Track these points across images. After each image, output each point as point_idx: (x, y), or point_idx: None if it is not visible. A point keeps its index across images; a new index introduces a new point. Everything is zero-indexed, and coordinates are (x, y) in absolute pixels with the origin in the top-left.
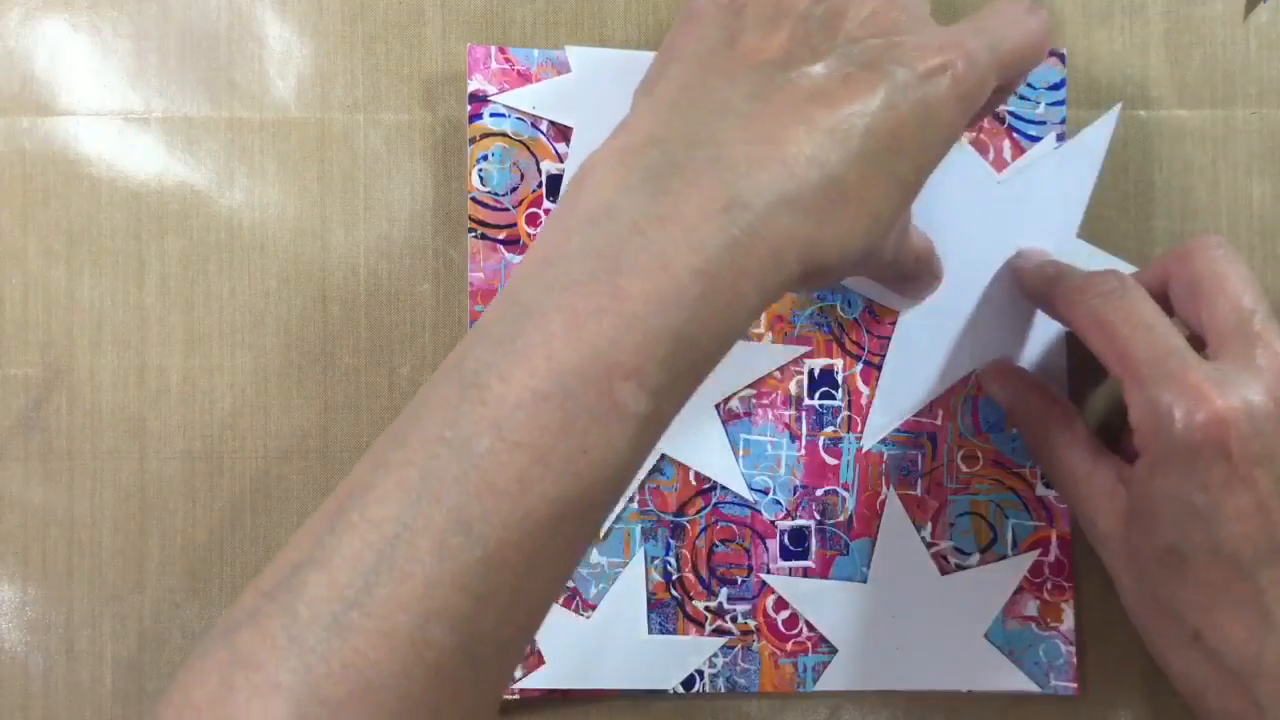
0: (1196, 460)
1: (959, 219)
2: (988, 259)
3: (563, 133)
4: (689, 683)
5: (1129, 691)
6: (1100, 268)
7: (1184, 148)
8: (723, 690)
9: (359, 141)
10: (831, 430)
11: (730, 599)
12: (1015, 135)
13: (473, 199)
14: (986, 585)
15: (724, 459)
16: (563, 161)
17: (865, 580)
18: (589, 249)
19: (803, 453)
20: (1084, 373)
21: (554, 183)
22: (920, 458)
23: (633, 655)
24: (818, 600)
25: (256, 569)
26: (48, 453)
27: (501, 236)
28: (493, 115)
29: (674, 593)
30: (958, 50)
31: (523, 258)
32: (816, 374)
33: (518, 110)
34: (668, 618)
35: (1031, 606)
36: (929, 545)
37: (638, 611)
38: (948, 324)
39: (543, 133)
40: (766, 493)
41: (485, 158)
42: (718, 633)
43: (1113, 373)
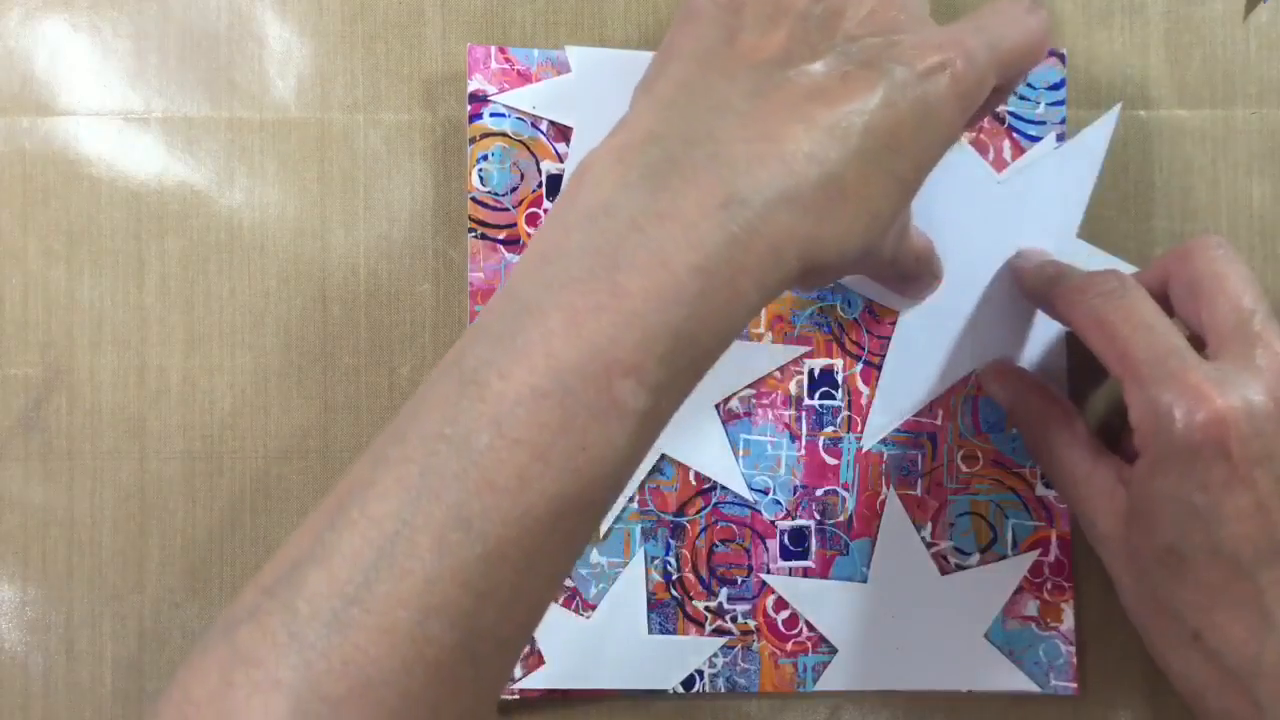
0: (1196, 460)
1: (959, 219)
2: (988, 259)
3: (563, 133)
4: (689, 683)
5: (1129, 691)
6: (1100, 268)
7: (1184, 148)
8: (723, 690)
9: (359, 141)
10: (831, 430)
11: (730, 599)
12: (1015, 135)
13: (473, 199)
14: (986, 585)
15: (724, 459)
16: (563, 161)
17: (865, 580)
18: (588, 246)
19: (803, 453)
20: (1084, 373)
21: (554, 183)
22: (920, 458)
23: (633, 655)
24: (818, 600)
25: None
26: (48, 453)
27: (501, 236)
28: (493, 115)
29: (674, 593)
30: (957, 49)
31: (522, 255)
32: (816, 374)
33: (518, 110)
34: (668, 618)
35: (1031, 606)
36: (929, 545)
37: (638, 611)
38: (948, 324)
39: (543, 133)
40: (766, 493)
41: (485, 158)
42: (718, 633)
43: (1113, 373)
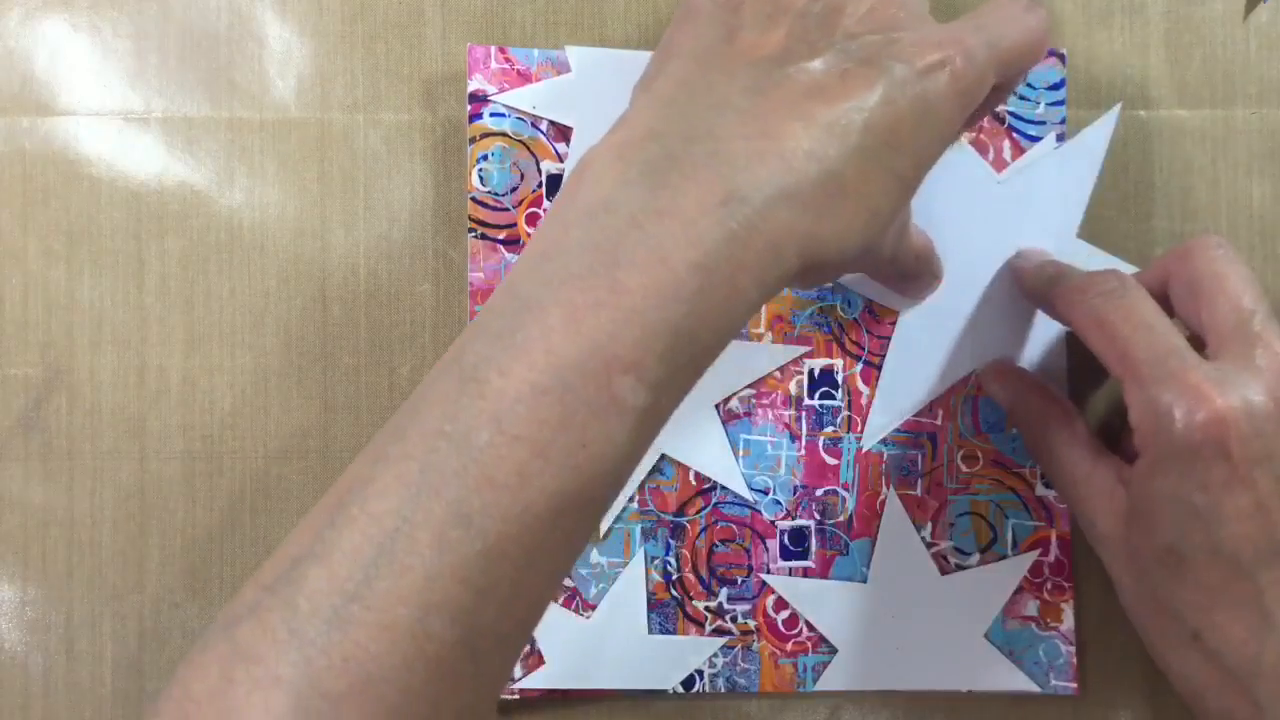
0: (1196, 460)
1: (959, 219)
2: (988, 259)
3: (563, 133)
4: (689, 683)
5: (1129, 691)
6: (1100, 268)
7: (1184, 148)
8: (723, 690)
9: (359, 141)
10: (831, 430)
11: (730, 599)
12: (1015, 135)
13: (473, 199)
14: (986, 585)
15: (724, 459)
16: (563, 161)
17: (865, 580)
18: (587, 243)
19: (803, 453)
20: (1084, 373)
21: (554, 183)
22: (920, 458)
23: (633, 655)
24: (818, 600)
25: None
26: (48, 453)
27: (501, 236)
28: (493, 115)
29: (674, 593)
30: (956, 46)
31: (522, 252)
32: (816, 374)
33: (518, 110)
34: (668, 618)
35: (1031, 606)
36: (929, 545)
37: (638, 611)
38: (948, 324)
39: (543, 132)
40: (766, 493)
41: (485, 158)
42: (718, 633)
43: (1113, 373)
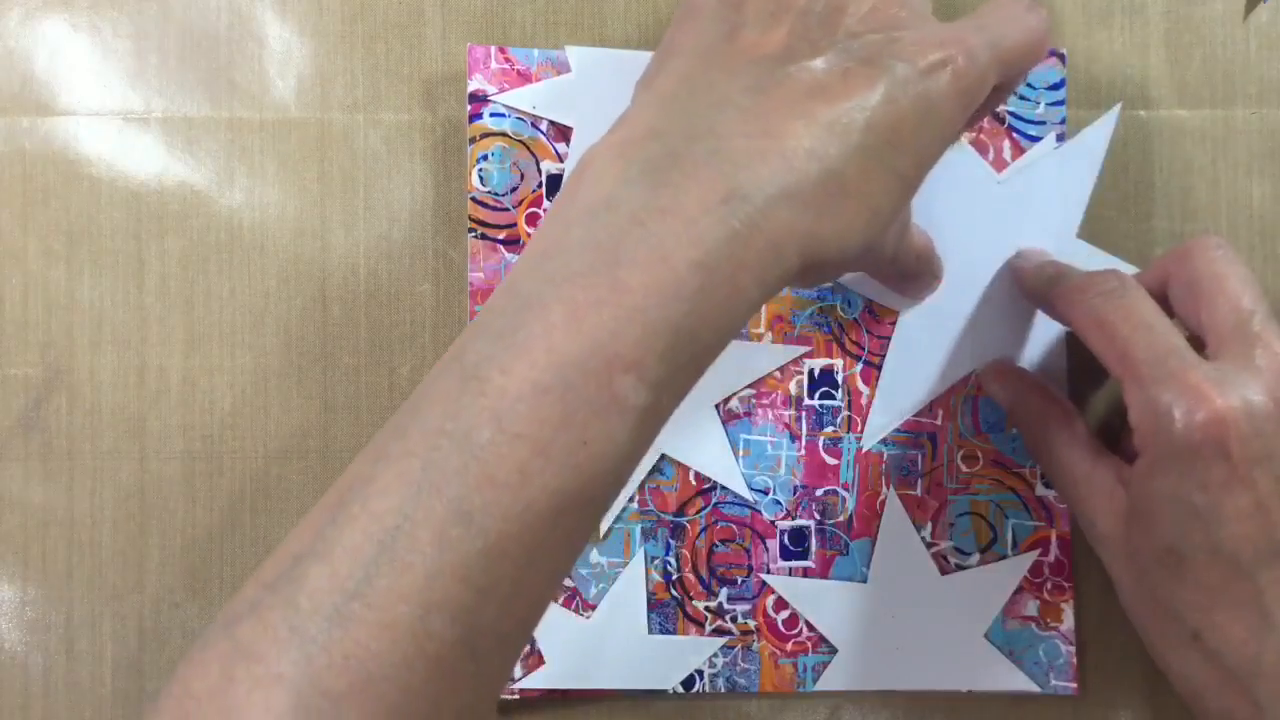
0: (1196, 460)
1: (959, 219)
2: (988, 259)
3: (563, 133)
4: (689, 683)
5: (1129, 691)
6: (1100, 268)
7: (1184, 148)
8: (723, 690)
9: (359, 141)
10: (831, 430)
11: (730, 599)
12: (1015, 135)
13: (473, 199)
14: (986, 585)
15: (724, 459)
16: (563, 161)
17: (865, 580)
18: (588, 241)
19: (803, 453)
20: (1084, 373)
21: (554, 183)
22: (920, 458)
23: (633, 655)
24: (818, 600)
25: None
26: (48, 453)
27: (501, 236)
28: (493, 115)
29: (674, 593)
30: (958, 46)
31: (523, 250)
32: (816, 374)
33: (518, 110)
34: (668, 618)
35: (1031, 606)
36: (929, 545)
37: (638, 611)
38: (948, 324)
39: (543, 133)
40: (766, 493)
41: (485, 158)
42: (718, 633)
43: (1113, 373)
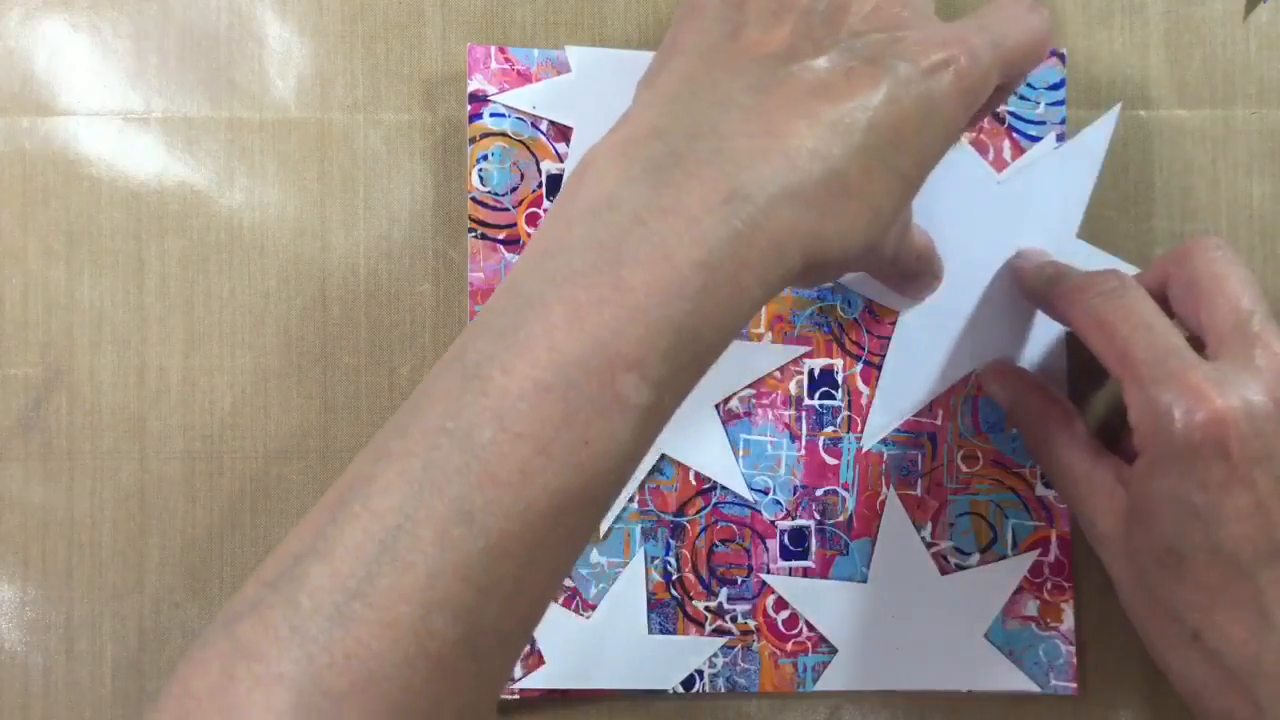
0: (1196, 460)
1: (959, 219)
2: (988, 259)
3: (563, 133)
4: (689, 683)
5: (1129, 691)
6: (1100, 268)
7: (1184, 148)
8: (723, 690)
9: (359, 141)
10: (831, 430)
11: (730, 599)
12: (1015, 135)
13: (473, 199)
14: (986, 585)
15: (724, 459)
16: (563, 161)
17: (865, 580)
18: (590, 240)
19: (803, 453)
20: (1084, 373)
21: (554, 183)
22: (920, 458)
23: (633, 655)
24: (818, 600)
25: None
26: (48, 453)
27: (501, 236)
28: (493, 115)
29: (674, 593)
30: (961, 46)
31: (524, 249)
32: (816, 374)
33: (518, 110)
34: (668, 618)
35: (1031, 606)
36: (929, 545)
37: (638, 611)
38: (948, 324)
39: (543, 133)
40: (766, 493)
41: (485, 158)
42: (718, 633)
43: (1113, 373)
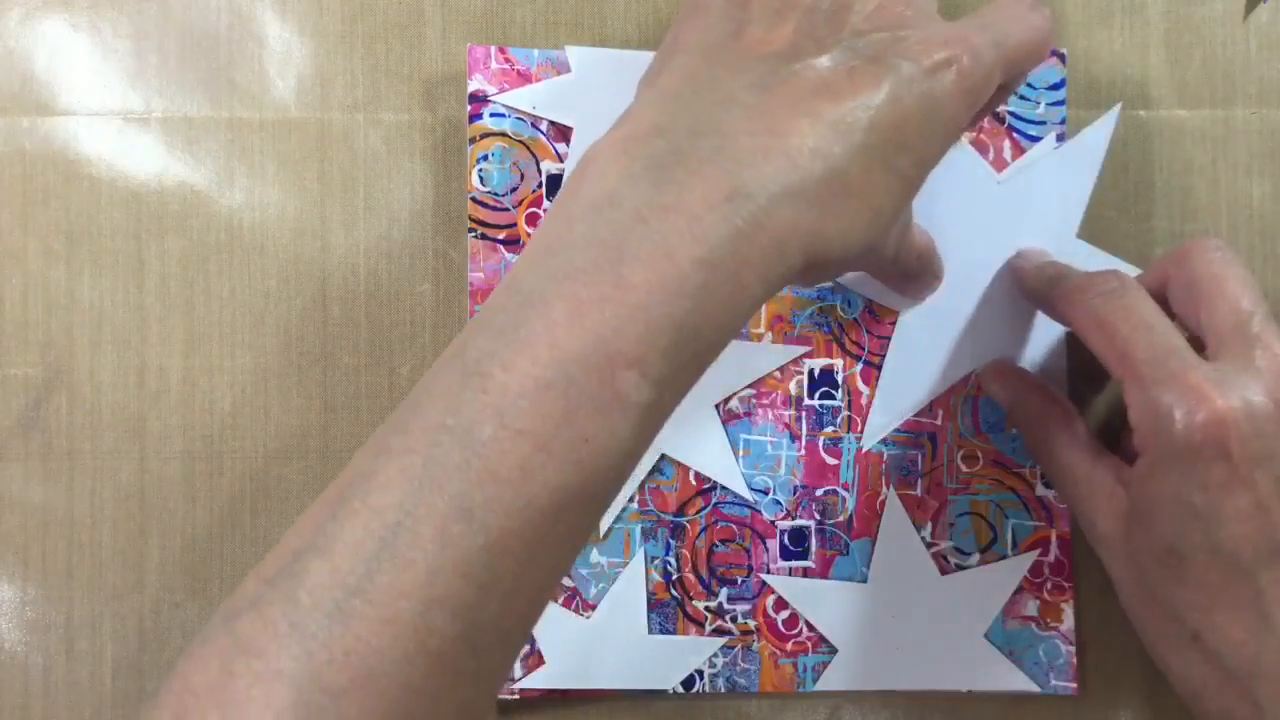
0: (1196, 460)
1: (959, 219)
2: (988, 259)
3: (563, 133)
4: (689, 683)
5: (1129, 691)
6: (1100, 268)
7: (1184, 148)
8: (723, 690)
9: (359, 141)
10: (831, 430)
11: (730, 599)
12: (1015, 135)
13: (473, 199)
14: (986, 585)
15: (724, 459)
16: (563, 161)
17: (865, 580)
18: (592, 237)
19: (803, 453)
20: (1084, 373)
21: (554, 183)
22: (920, 458)
23: (633, 655)
24: (818, 600)
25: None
26: (48, 453)
27: (501, 236)
28: (493, 115)
29: (674, 593)
30: (963, 45)
31: (525, 247)
32: (816, 374)
33: (518, 110)
34: (668, 618)
35: (1031, 606)
36: (929, 545)
37: (638, 611)
38: (948, 324)
39: (543, 133)
40: (766, 493)
41: (485, 158)
42: (718, 633)
43: (1113, 373)
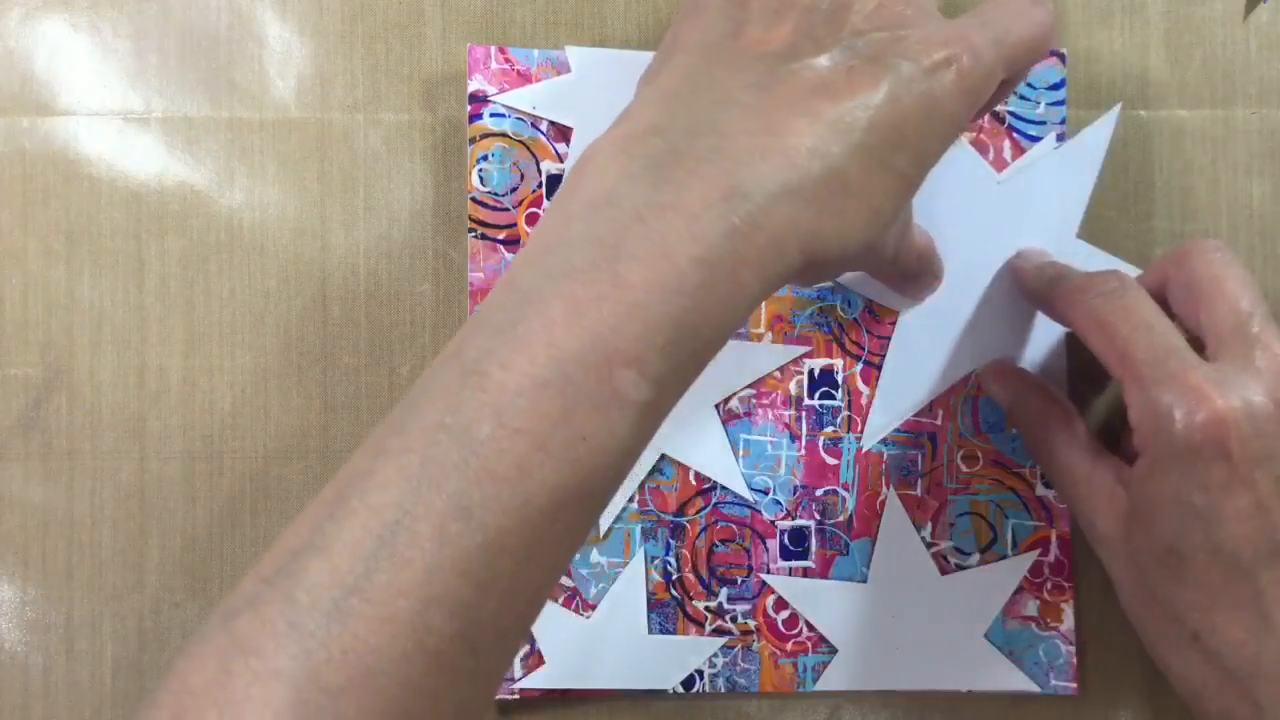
0: (1196, 460)
1: (959, 219)
2: (988, 259)
3: (563, 133)
4: (689, 683)
5: (1129, 691)
6: (1100, 268)
7: (1184, 148)
8: (723, 690)
9: (359, 141)
10: (831, 430)
11: (730, 599)
12: (1015, 135)
13: (473, 199)
14: (986, 585)
15: (724, 459)
16: (563, 162)
17: (865, 580)
18: (590, 236)
19: (803, 453)
20: (1084, 374)
21: (554, 183)
22: (920, 458)
23: (633, 655)
24: (818, 600)
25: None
26: (48, 453)
27: (501, 236)
28: (493, 115)
29: (674, 593)
30: (963, 44)
31: (523, 245)
32: (816, 374)
33: (518, 110)
34: (668, 618)
35: (1031, 606)
36: (929, 545)
37: (638, 611)
38: (948, 324)
39: (543, 133)
40: (766, 493)
41: (485, 158)
42: (718, 633)
43: (1113, 373)
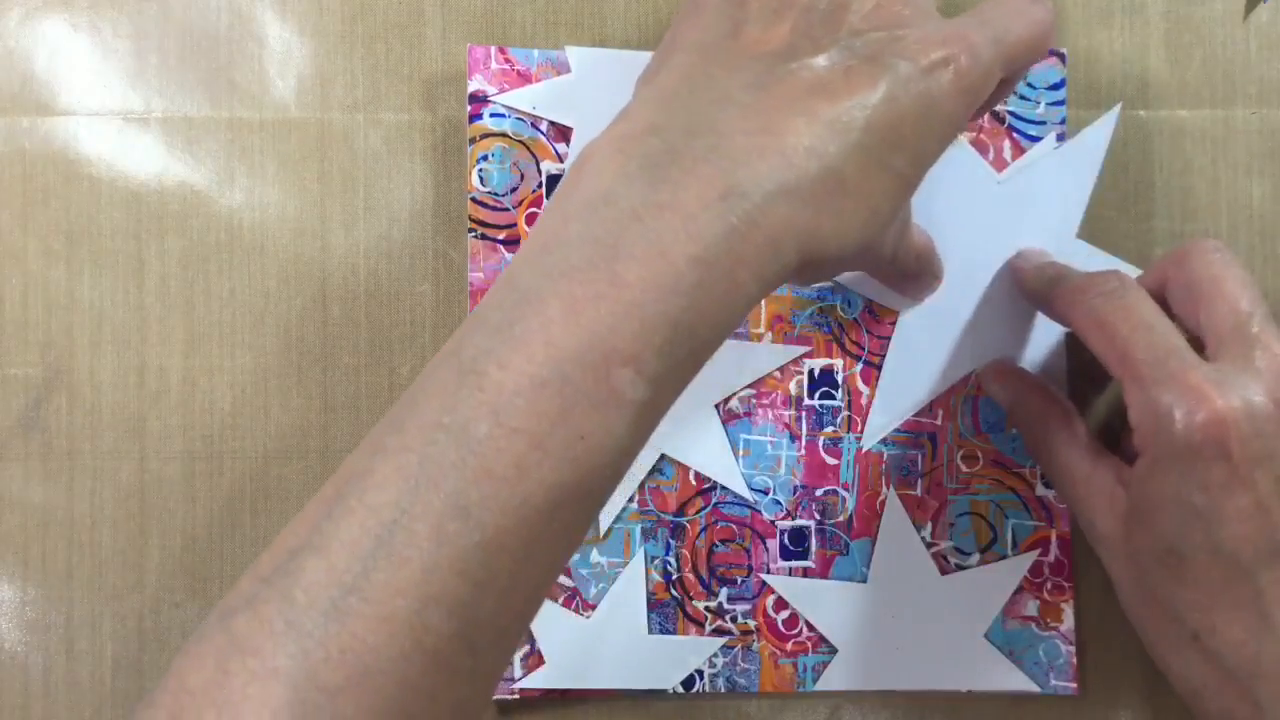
0: (1196, 460)
1: (959, 219)
2: (988, 259)
3: (563, 133)
4: (689, 683)
5: (1129, 691)
6: (1100, 268)
7: (1184, 148)
8: (723, 690)
9: (359, 141)
10: (831, 430)
11: (730, 599)
12: (1015, 135)
13: (473, 199)
14: (986, 585)
15: (724, 459)
16: (563, 162)
17: (865, 580)
18: (587, 235)
19: (803, 453)
20: (1084, 373)
21: (554, 183)
22: (920, 458)
23: (633, 655)
24: (818, 600)
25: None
26: (48, 453)
27: (501, 236)
28: (493, 115)
29: (674, 593)
30: (961, 44)
31: (522, 244)
32: (816, 374)
33: (518, 110)
34: (668, 618)
35: (1031, 606)
36: (929, 545)
37: (638, 611)
38: (948, 324)
39: (543, 133)
40: (766, 493)
41: (485, 158)
42: (718, 633)
43: (1113, 373)
